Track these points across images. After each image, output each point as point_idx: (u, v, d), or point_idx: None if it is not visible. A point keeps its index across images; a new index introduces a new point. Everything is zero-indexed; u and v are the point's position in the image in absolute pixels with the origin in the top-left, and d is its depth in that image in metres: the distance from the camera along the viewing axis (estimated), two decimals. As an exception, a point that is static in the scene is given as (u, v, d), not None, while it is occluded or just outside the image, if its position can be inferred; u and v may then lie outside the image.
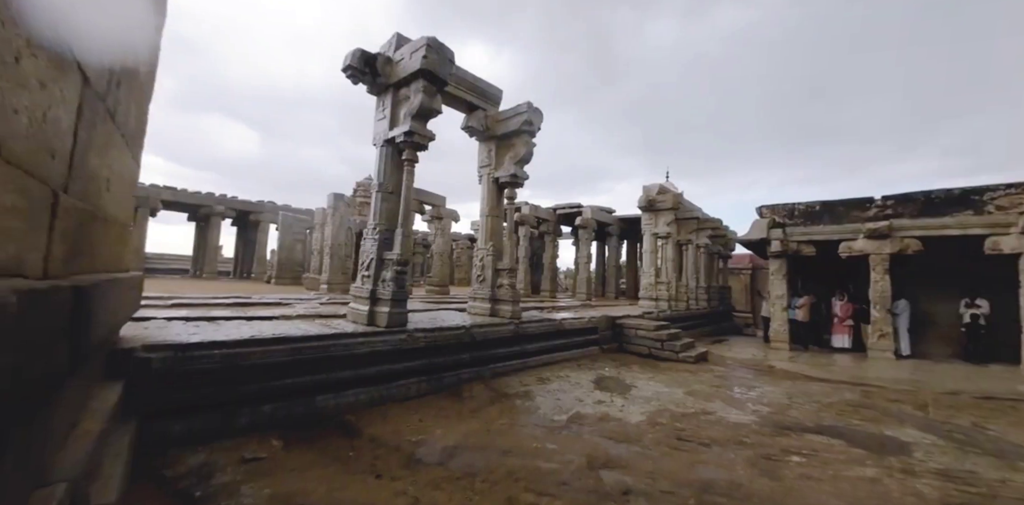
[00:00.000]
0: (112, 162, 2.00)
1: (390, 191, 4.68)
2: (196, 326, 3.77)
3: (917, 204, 8.36)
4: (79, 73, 1.43)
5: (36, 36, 1.11)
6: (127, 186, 2.46)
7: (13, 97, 1.01)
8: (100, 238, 1.90)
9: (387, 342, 4.34)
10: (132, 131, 2.36)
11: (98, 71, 1.59)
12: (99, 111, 1.70)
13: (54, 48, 1.20)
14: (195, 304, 5.47)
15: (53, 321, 1.19)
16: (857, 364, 8.30)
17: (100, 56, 1.56)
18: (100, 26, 1.53)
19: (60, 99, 1.30)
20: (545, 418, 4.06)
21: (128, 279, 2.42)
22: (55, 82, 1.24)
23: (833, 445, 3.76)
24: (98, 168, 1.79)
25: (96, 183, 1.78)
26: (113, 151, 2.00)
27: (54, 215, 1.32)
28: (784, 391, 5.56)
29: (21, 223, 1.10)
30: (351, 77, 4.53)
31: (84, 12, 1.37)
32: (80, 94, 1.46)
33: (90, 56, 1.47)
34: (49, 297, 1.13)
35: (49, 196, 1.28)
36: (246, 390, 3.38)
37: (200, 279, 16.66)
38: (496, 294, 6.15)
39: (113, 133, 1.95)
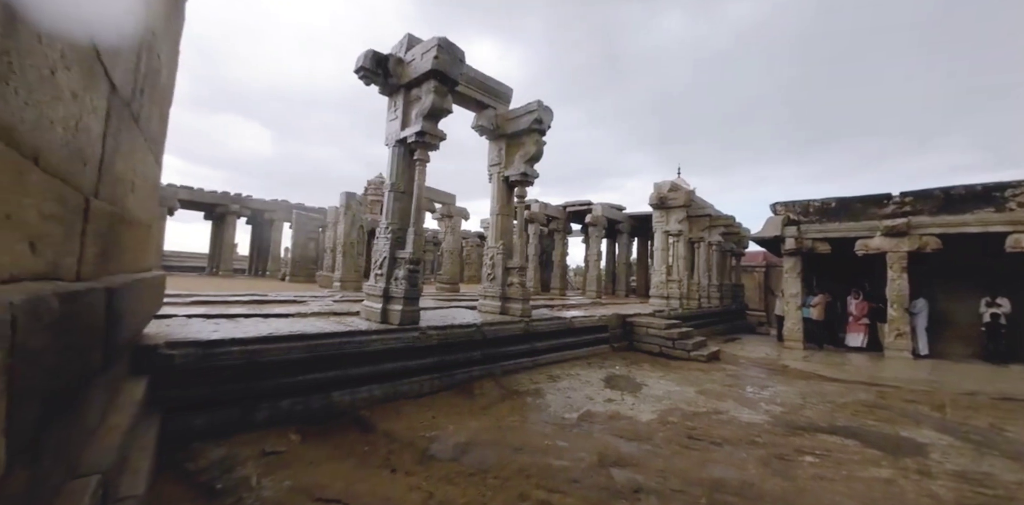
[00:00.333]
0: (137, 165, 2.07)
1: (402, 190, 4.73)
2: (216, 324, 3.87)
3: (936, 201, 8.17)
4: (107, 81, 1.48)
5: (69, 49, 1.16)
6: (150, 188, 2.53)
7: (50, 109, 1.06)
8: (126, 239, 1.97)
9: (400, 339, 4.41)
10: (154, 135, 2.43)
11: (124, 79, 1.65)
12: (125, 117, 1.76)
13: (85, 60, 1.25)
14: (214, 301, 5.60)
15: (89, 322, 1.25)
16: (873, 364, 8.17)
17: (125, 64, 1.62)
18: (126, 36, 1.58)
19: (91, 108, 1.35)
20: (556, 416, 4.09)
21: (152, 279, 2.50)
22: (86, 92, 1.30)
23: (847, 445, 3.73)
24: (124, 172, 1.85)
25: (123, 187, 1.85)
26: (137, 155, 2.06)
27: (86, 220, 1.38)
28: (797, 391, 5.51)
29: (58, 229, 1.16)
30: (363, 78, 4.58)
31: (112, 23, 1.42)
32: (108, 102, 1.52)
33: (116, 65, 1.53)
34: (85, 299, 1.18)
35: (82, 202, 1.34)
36: (265, 386, 3.47)
37: (216, 277, 17.00)
38: (506, 292, 6.18)
39: (137, 138, 2.01)
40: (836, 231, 9.04)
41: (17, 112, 0.90)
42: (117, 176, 1.74)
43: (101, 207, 1.51)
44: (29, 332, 0.85)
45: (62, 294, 0.99)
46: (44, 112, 1.04)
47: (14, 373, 0.79)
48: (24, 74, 0.90)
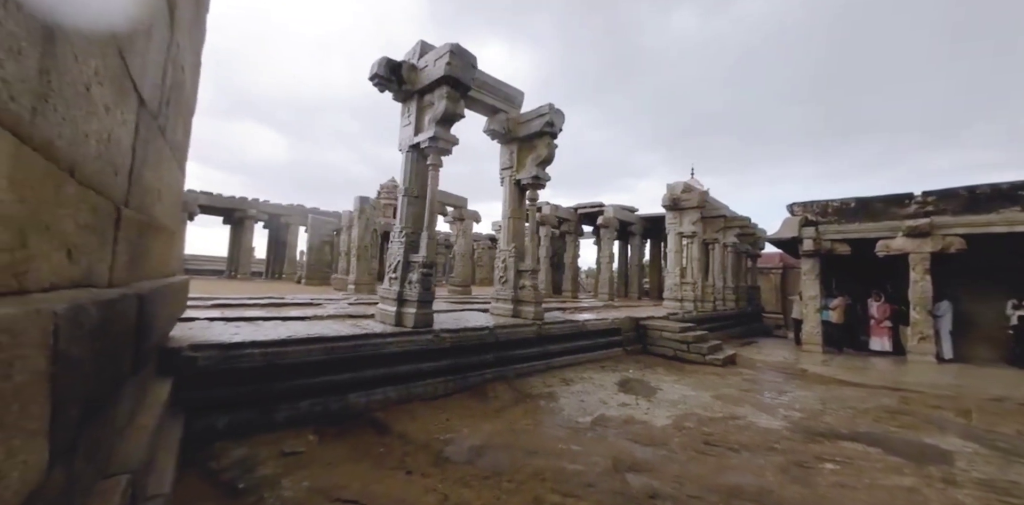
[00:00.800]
0: (163, 174, 2.14)
1: (416, 195, 4.79)
2: (237, 326, 3.97)
3: (960, 200, 7.94)
4: (136, 95, 1.55)
5: (101, 65, 1.21)
6: (175, 195, 2.62)
7: (84, 124, 1.12)
8: (153, 246, 2.04)
9: (414, 342, 4.45)
10: (178, 144, 2.52)
11: (151, 93, 1.71)
12: (152, 129, 1.82)
13: (116, 75, 1.31)
14: (233, 304, 5.73)
15: (122, 327, 1.30)
16: (895, 368, 7.96)
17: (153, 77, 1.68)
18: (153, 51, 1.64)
19: (121, 121, 1.41)
20: (569, 420, 4.08)
21: (176, 283, 2.58)
22: (117, 106, 1.35)
23: (869, 453, 3.65)
24: (152, 181, 1.92)
25: (150, 195, 1.92)
26: (163, 164, 2.14)
27: (117, 228, 1.43)
28: (817, 396, 5.40)
29: (92, 237, 1.21)
30: (378, 85, 4.66)
31: (141, 40, 1.48)
32: (137, 114, 1.58)
33: (144, 79, 1.59)
34: (119, 306, 1.23)
35: (113, 211, 1.39)
36: (284, 387, 3.54)
37: (235, 280, 17.37)
38: (518, 295, 6.20)
39: (164, 147, 2.08)
40: (856, 232, 8.84)
41: (55, 127, 0.95)
42: (145, 185, 1.80)
43: (131, 215, 1.57)
44: (70, 340, 0.89)
45: (99, 302, 1.03)
46: (79, 126, 1.09)
47: (56, 380, 0.84)
48: (62, 91, 0.95)
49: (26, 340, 0.71)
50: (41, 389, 0.79)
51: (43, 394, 0.80)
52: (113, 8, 1.18)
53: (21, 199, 0.80)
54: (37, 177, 0.86)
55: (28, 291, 0.86)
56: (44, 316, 0.78)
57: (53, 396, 0.83)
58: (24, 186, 0.81)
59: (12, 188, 0.76)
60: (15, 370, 0.70)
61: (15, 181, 0.77)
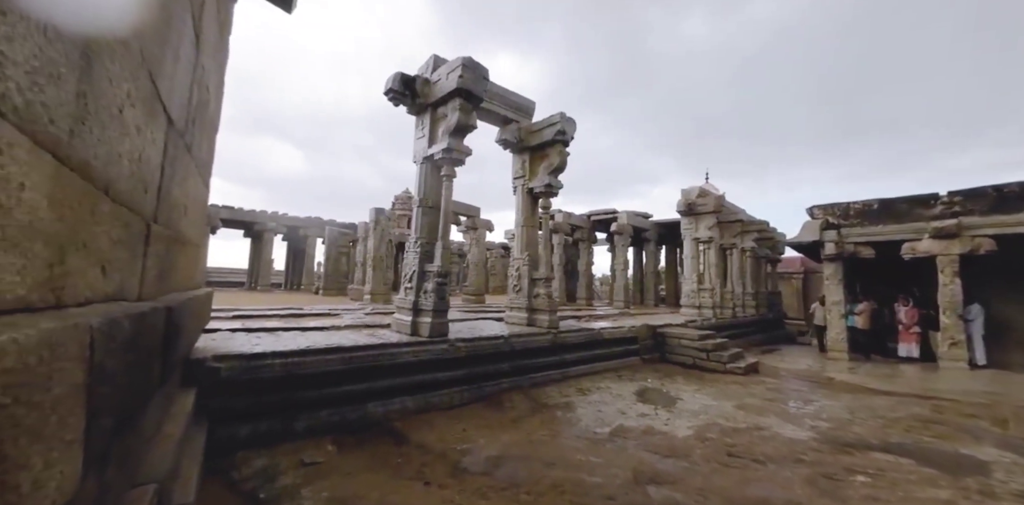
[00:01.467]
0: (189, 190, 2.22)
1: (430, 206, 4.85)
2: (258, 337, 4.04)
3: (988, 199, 7.67)
4: (165, 115, 1.62)
5: (133, 88, 1.27)
6: (200, 210, 2.71)
7: (118, 144, 1.17)
8: (180, 260, 2.11)
9: (430, 351, 4.47)
10: (203, 160, 2.61)
11: (179, 113, 1.79)
12: (179, 146, 1.90)
13: (147, 97, 1.38)
14: (254, 315, 5.85)
15: (152, 340, 1.35)
16: (926, 375, 7.67)
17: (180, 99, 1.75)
18: (181, 73, 1.72)
19: (151, 140, 1.48)
20: (587, 430, 4.03)
21: (201, 296, 2.65)
22: (147, 126, 1.42)
23: (902, 464, 3.52)
24: (178, 197, 1.99)
25: (177, 211, 1.99)
26: (190, 180, 2.22)
27: (147, 243, 1.49)
28: (844, 405, 5.23)
29: (124, 253, 1.26)
30: (392, 99, 4.77)
31: (169, 65, 1.55)
32: (166, 134, 1.65)
33: (172, 99, 1.66)
34: (150, 319, 1.28)
35: (144, 227, 1.45)
36: (304, 397, 3.58)
37: (255, 291, 17.73)
38: (533, 304, 6.18)
39: (189, 164, 2.17)
40: (880, 234, 8.60)
41: (92, 148, 1.00)
42: (173, 201, 1.87)
43: (159, 231, 1.64)
44: (105, 352, 0.93)
45: (132, 315, 1.07)
46: (113, 147, 1.14)
47: (92, 391, 0.87)
48: (97, 114, 1.01)
49: (65, 354, 0.75)
50: (78, 401, 0.82)
51: (79, 406, 0.83)
52: (145, 33, 1.24)
53: (60, 218, 0.84)
54: (75, 196, 0.90)
55: (65, 305, 0.90)
56: (82, 330, 0.82)
57: (88, 407, 0.86)
58: (63, 205, 0.85)
59: (52, 207, 0.80)
60: (54, 383, 0.73)
61: (55, 200, 0.81)
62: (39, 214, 0.75)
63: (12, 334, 0.60)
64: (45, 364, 0.69)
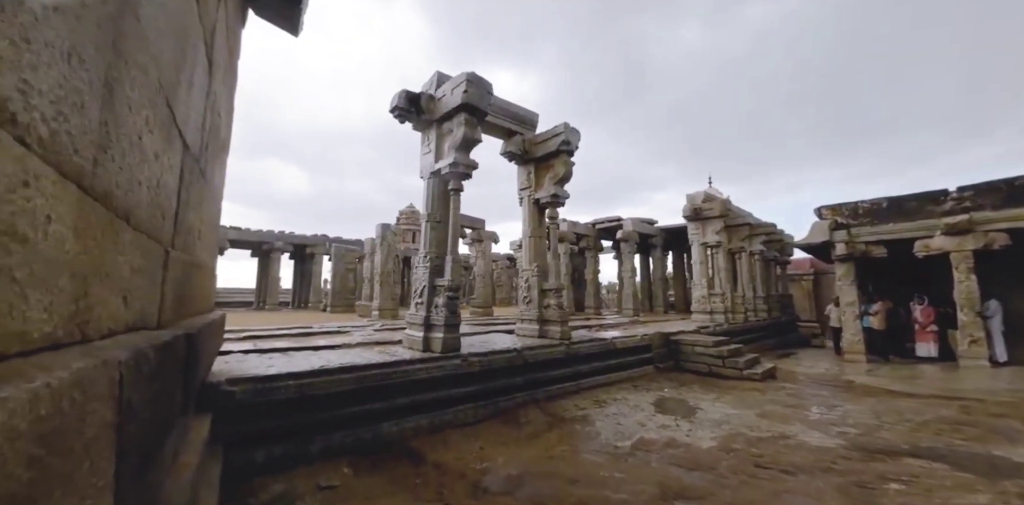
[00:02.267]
0: (203, 214, 2.22)
1: (438, 220, 4.85)
2: (270, 358, 4.01)
3: (999, 193, 7.58)
4: (180, 141, 1.62)
5: (152, 115, 1.28)
6: (213, 233, 2.71)
7: (138, 171, 1.17)
8: (195, 283, 2.10)
9: (443, 367, 4.41)
10: (216, 184, 2.62)
11: (193, 138, 1.80)
12: (194, 171, 1.90)
13: (164, 123, 1.38)
14: (265, 336, 5.82)
15: (175, 368, 1.32)
16: (948, 375, 7.50)
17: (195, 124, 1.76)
18: (196, 99, 1.72)
19: (168, 166, 1.48)
20: (607, 444, 3.93)
21: (217, 319, 2.63)
22: (165, 152, 1.42)
23: (935, 469, 3.41)
24: (193, 221, 1.99)
25: (192, 235, 1.98)
26: (203, 204, 2.22)
27: (165, 269, 1.48)
28: (870, 409, 5.09)
29: (144, 280, 1.25)
30: (398, 117, 4.82)
31: (184, 91, 1.56)
32: (182, 159, 1.65)
33: (187, 125, 1.67)
34: (173, 347, 1.26)
35: (162, 254, 1.44)
36: (318, 418, 3.53)
37: (263, 311, 17.74)
38: (544, 315, 6.12)
39: (204, 189, 2.17)
40: (891, 232, 8.49)
41: (113, 177, 0.99)
42: (188, 226, 1.87)
43: (177, 256, 1.62)
44: (132, 387, 0.90)
45: (156, 346, 1.05)
46: (134, 174, 1.14)
47: (121, 430, 0.84)
48: (119, 141, 1.00)
49: (96, 393, 0.72)
50: (108, 442, 0.79)
51: (110, 447, 0.79)
52: (163, 60, 1.25)
53: (85, 250, 0.83)
54: (99, 227, 0.89)
55: (90, 339, 0.87)
56: (111, 366, 0.79)
57: (118, 447, 0.83)
58: (87, 236, 0.84)
59: (77, 239, 0.78)
60: (87, 425, 0.70)
61: (79, 232, 0.80)
62: (65, 247, 0.73)
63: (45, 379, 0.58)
64: (78, 406, 0.65)
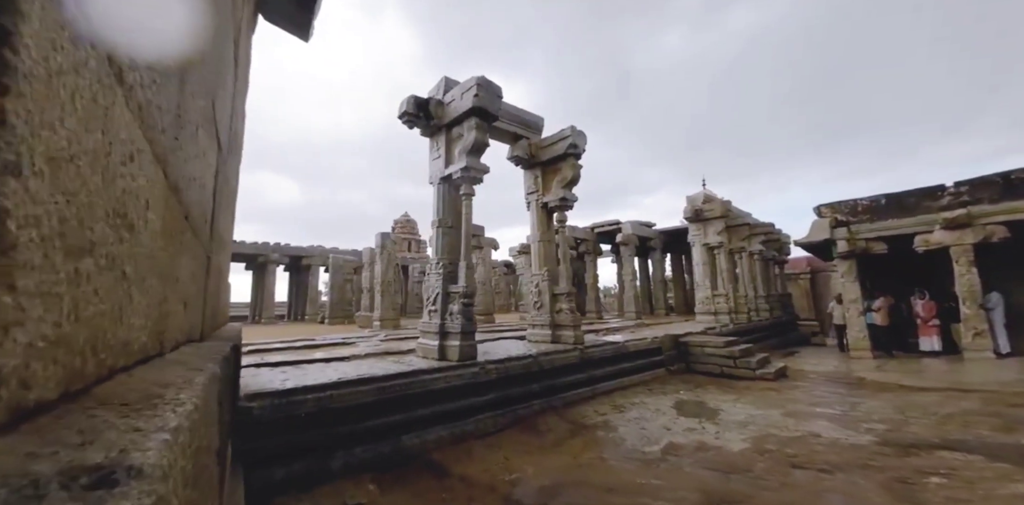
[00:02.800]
0: (227, 221, 2.12)
1: (450, 225, 4.77)
2: (283, 372, 3.86)
3: (995, 187, 7.71)
4: (216, 140, 1.53)
5: (204, 107, 1.19)
6: (229, 241, 2.60)
7: (193, 167, 1.08)
8: (223, 293, 1.99)
9: (461, 376, 4.29)
10: (233, 190, 2.52)
11: (225, 138, 1.71)
12: (224, 174, 1.81)
13: (209, 119, 1.29)
14: (270, 349, 5.65)
15: (228, 383, 1.21)
16: (955, 368, 7.55)
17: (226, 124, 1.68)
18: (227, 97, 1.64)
19: (208, 165, 1.39)
20: (635, 450, 3.83)
21: (238, 329, 2.51)
22: (209, 151, 1.33)
23: (971, 461, 3.40)
24: (221, 227, 1.89)
25: (221, 242, 1.88)
26: (228, 210, 2.12)
27: (207, 276, 1.38)
28: (890, 405, 5.06)
29: (195, 287, 1.15)
30: (407, 123, 4.76)
31: (221, 87, 1.48)
32: (217, 160, 1.56)
33: (222, 124, 1.58)
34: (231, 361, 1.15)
35: (205, 259, 1.34)
36: (338, 432, 3.39)
37: (260, 324, 17.36)
38: (556, 320, 6.03)
39: (228, 193, 2.07)
40: (891, 228, 8.58)
41: (180, 168, 0.90)
42: (219, 231, 1.77)
43: (215, 264, 1.53)
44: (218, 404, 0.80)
45: (226, 357, 0.95)
46: (192, 169, 1.05)
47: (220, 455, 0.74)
48: (184, 129, 0.91)
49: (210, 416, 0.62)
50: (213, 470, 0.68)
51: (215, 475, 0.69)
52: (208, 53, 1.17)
53: (166, 247, 0.74)
54: (174, 222, 0.80)
55: (163, 352, 0.78)
56: (216, 382, 0.69)
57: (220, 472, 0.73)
58: (167, 232, 0.75)
59: (164, 234, 0.69)
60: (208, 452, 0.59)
61: (165, 225, 0.71)
62: (157, 242, 0.64)
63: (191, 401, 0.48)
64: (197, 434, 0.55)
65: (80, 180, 0.37)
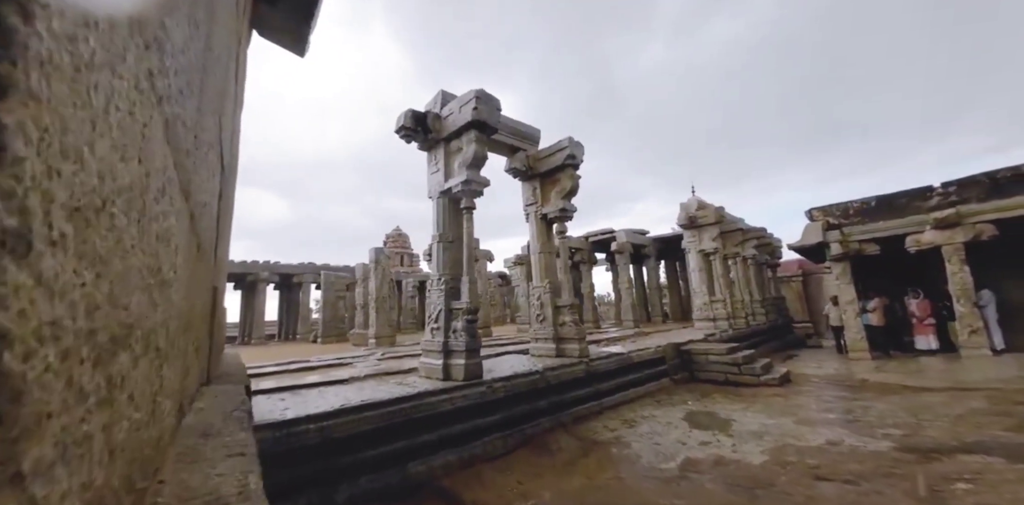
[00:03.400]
0: (226, 243, 1.99)
1: (451, 240, 4.66)
2: (282, 399, 3.68)
3: (982, 187, 7.88)
4: (220, 162, 1.43)
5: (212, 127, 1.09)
6: (227, 263, 2.46)
7: (204, 191, 0.97)
8: (223, 322, 1.86)
9: (468, 396, 4.14)
10: (231, 211, 2.40)
11: (227, 160, 1.60)
12: (225, 196, 1.70)
13: (215, 141, 1.19)
14: (264, 373, 5.42)
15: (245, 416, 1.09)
16: (954, 366, 7.59)
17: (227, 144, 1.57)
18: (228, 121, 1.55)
19: (215, 188, 1.28)
20: (652, 467, 3.70)
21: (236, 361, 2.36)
22: (215, 174, 1.22)
23: (993, 464, 3.37)
24: (221, 253, 1.77)
25: (221, 268, 1.76)
26: (226, 234, 2.00)
27: (214, 309, 1.26)
28: (900, 407, 5.02)
29: (205, 325, 1.03)
30: (404, 137, 4.68)
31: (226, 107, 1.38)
32: (220, 183, 1.45)
33: (224, 146, 1.48)
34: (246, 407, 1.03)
35: (212, 291, 1.23)
36: (341, 463, 3.21)
37: (249, 345, 16.87)
38: (560, 333, 5.92)
39: (228, 216, 1.96)
40: (883, 230, 8.68)
41: (196, 195, 0.80)
42: (220, 257, 1.65)
43: (219, 296, 1.41)
44: None
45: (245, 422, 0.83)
46: (203, 193, 0.94)
47: None
48: (199, 150, 0.81)
49: None
50: None
51: None
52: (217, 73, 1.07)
53: (188, 294, 0.63)
54: (193, 259, 0.69)
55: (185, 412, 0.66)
56: None
57: None
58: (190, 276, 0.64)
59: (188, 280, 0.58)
60: None
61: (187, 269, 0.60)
62: (182, 291, 0.53)
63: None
64: None
65: (115, 237, 0.26)
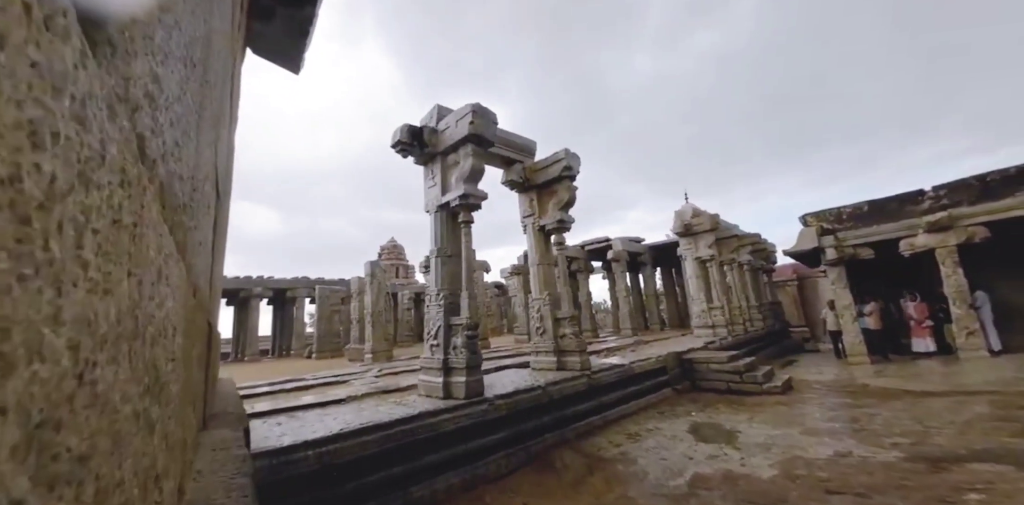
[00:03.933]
0: (220, 269, 1.93)
1: (449, 254, 4.60)
2: (278, 424, 3.56)
3: (973, 189, 7.98)
4: (215, 191, 1.37)
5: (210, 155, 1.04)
6: (220, 288, 2.39)
7: (201, 230, 0.91)
8: (218, 355, 1.78)
9: (470, 415, 4.05)
10: (224, 234, 2.33)
11: (222, 186, 1.55)
12: (219, 224, 1.64)
13: (212, 173, 1.14)
14: (258, 393, 5.28)
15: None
16: (953, 369, 7.61)
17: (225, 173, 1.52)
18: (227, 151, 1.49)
19: (210, 218, 1.22)
20: (660, 485, 3.62)
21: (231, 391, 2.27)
22: (211, 202, 1.17)
23: (1004, 473, 3.34)
24: (216, 283, 1.70)
25: (215, 300, 1.69)
26: (220, 261, 1.93)
27: (209, 352, 1.19)
28: (905, 414, 4.99)
29: (202, 375, 0.97)
30: (400, 151, 4.65)
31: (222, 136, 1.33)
32: (215, 211, 1.40)
33: (221, 173, 1.43)
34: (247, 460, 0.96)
35: (207, 330, 1.16)
36: (341, 491, 3.10)
37: (243, 362, 16.55)
38: (560, 345, 5.85)
39: (221, 240, 1.89)
40: (877, 234, 8.76)
41: (193, 240, 0.74)
42: (215, 291, 1.58)
43: (214, 332, 1.34)
44: None
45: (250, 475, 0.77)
46: (199, 233, 0.89)
47: None
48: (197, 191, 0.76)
49: None
50: None
51: None
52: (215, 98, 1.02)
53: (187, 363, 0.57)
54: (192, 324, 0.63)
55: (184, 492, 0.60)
56: None
57: None
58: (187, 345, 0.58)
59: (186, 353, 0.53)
60: None
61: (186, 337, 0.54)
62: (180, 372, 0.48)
63: None
64: None
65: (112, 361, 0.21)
